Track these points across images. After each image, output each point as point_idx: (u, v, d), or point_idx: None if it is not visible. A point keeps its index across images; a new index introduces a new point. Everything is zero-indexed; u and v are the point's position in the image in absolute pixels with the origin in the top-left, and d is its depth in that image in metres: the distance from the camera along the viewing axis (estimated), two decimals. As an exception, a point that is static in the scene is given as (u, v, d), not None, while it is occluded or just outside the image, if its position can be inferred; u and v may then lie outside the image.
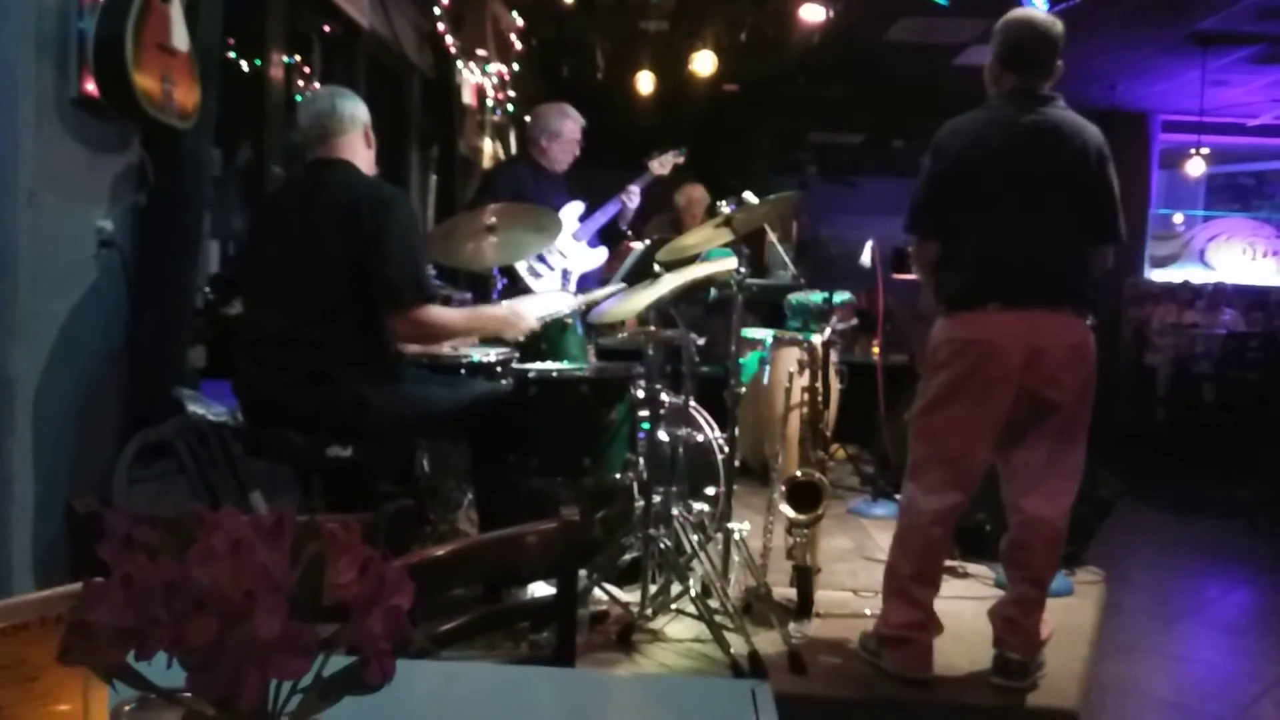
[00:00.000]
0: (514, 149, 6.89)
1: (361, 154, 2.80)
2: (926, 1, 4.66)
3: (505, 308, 2.99)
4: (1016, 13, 2.81)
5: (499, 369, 3.21)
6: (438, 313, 2.75)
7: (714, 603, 2.89)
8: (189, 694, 0.59)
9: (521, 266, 4.09)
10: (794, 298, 4.94)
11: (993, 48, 2.79)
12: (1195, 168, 8.11)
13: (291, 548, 0.61)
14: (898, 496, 3.19)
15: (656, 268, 3.21)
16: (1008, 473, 2.78)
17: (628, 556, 3.10)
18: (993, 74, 2.79)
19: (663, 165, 4.67)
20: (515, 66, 6.70)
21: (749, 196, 3.26)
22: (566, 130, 4.31)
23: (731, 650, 2.71)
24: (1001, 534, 2.86)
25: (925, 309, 5.08)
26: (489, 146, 6.68)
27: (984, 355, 2.63)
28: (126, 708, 0.72)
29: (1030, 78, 2.72)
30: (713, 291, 4.04)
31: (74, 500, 1.27)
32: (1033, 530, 2.71)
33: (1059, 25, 2.73)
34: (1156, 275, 9.17)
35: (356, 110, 2.80)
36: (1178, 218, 9.66)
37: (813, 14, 5.67)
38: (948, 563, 3.70)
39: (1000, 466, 2.80)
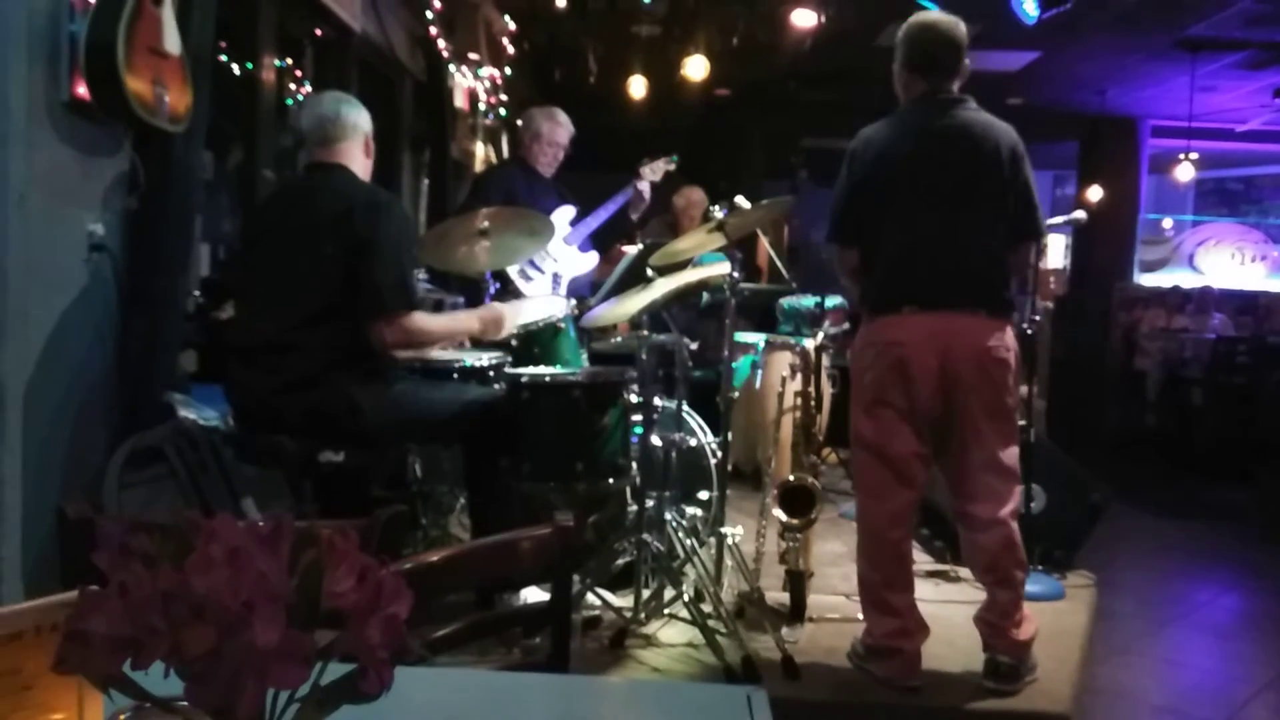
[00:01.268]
0: (505, 153, 6.89)
1: (359, 161, 2.79)
2: (916, 8, 4.68)
3: (482, 312, 2.99)
4: (919, 17, 2.84)
5: (492, 373, 3.20)
6: (420, 319, 2.74)
7: (707, 607, 2.89)
8: (185, 703, 0.58)
9: (512, 270, 4.09)
10: (786, 302, 4.95)
11: (898, 55, 2.82)
12: (1184, 173, 8.16)
13: (289, 555, 0.60)
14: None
15: (649, 272, 3.21)
16: (948, 479, 2.82)
17: (621, 561, 3.10)
18: (901, 80, 2.83)
19: (654, 172, 4.67)
20: (508, 70, 6.70)
21: (741, 201, 3.27)
22: (546, 131, 4.30)
23: (725, 655, 2.71)
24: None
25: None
26: (481, 150, 6.67)
27: (902, 357, 2.68)
28: (122, 717, 0.72)
29: (938, 81, 2.76)
30: (705, 296, 4.04)
31: (66, 506, 1.26)
32: (987, 534, 2.72)
33: (962, 26, 2.78)
34: (1146, 280, 9.22)
35: (359, 118, 2.79)
36: (1167, 222, 9.72)
37: (804, 20, 5.69)
38: (940, 566, 3.72)
39: (941, 474, 2.84)
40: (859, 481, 2.87)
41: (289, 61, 4.44)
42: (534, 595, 2.61)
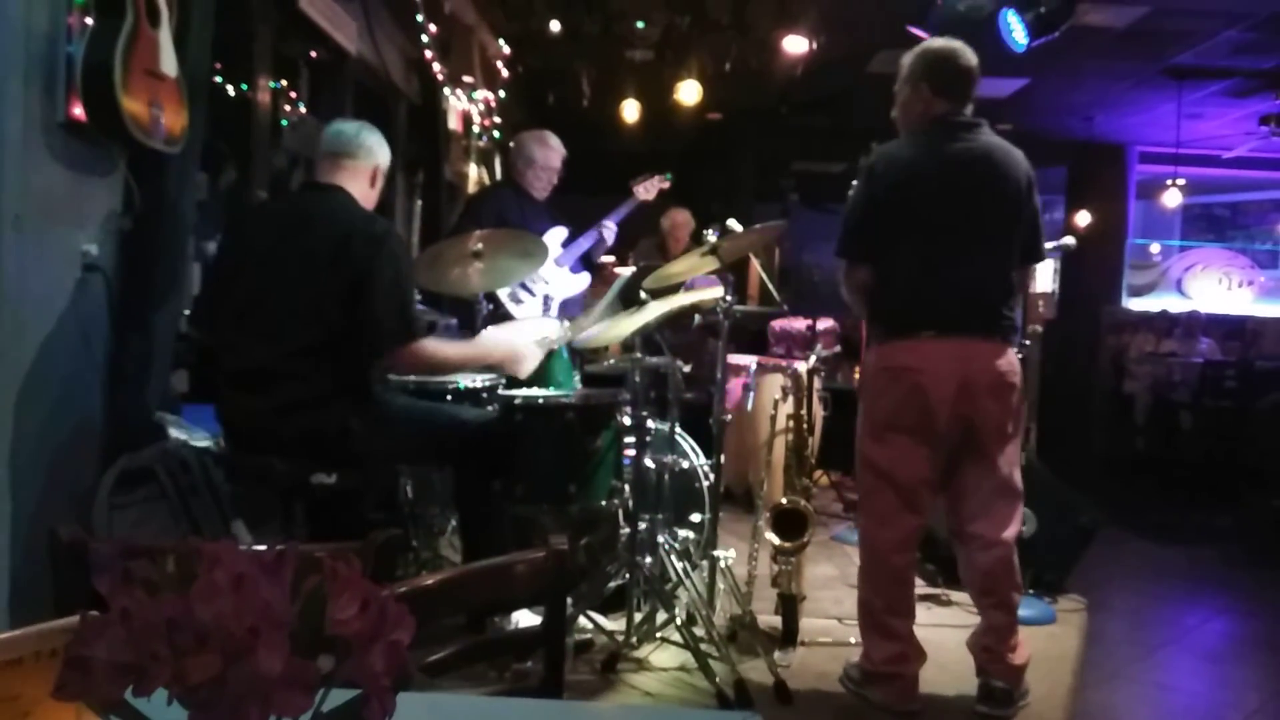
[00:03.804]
0: (499, 175, 6.92)
1: (361, 188, 2.76)
2: (906, 36, 4.73)
3: (507, 345, 2.94)
4: (940, 42, 2.89)
5: (485, 395, 3.20)
6: (432, 347, 2.71)
7: (699, 631, 2.88)
8: (186, 730, 0.58)
9: (503, 292, 4.08)
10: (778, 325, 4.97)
11: (919, 75, 2.79)
12: (1172, 198, 8.23)
13: (292, 582, 0.60)
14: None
15: (643, 294, 3.21)
16: (952, 500, 2.81)
17: (613, 584, 3.09)
18: (922, 99, 2.78)
19: (647, 190, 4.69)
20: (501, 93, 6.73)
21: (733, 224, 3.28)
22: (540, 157, 4.31)
23: (717, 679, 2.70)
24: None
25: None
26: (474, 172, 6.70)
27: (918, 384, 2.67)
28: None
29: (959, 104, 2.77)
30: (697, 318, 4.05)
31: (58, 528, 1.25)
32: (988, 554, 2.73)
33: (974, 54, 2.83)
34: (1134, 304, 9.27)
35: (376, 145, 2.78)
36: (1155, 247, 9.78)
37: (796, 46, 5.74)
38: (932, 590, 3.72)
39: (944, 494, 2.82)
40: (865, 506, 2.84)
41: (284, 83, 4.46)
42: (525, 618, 2.60)
